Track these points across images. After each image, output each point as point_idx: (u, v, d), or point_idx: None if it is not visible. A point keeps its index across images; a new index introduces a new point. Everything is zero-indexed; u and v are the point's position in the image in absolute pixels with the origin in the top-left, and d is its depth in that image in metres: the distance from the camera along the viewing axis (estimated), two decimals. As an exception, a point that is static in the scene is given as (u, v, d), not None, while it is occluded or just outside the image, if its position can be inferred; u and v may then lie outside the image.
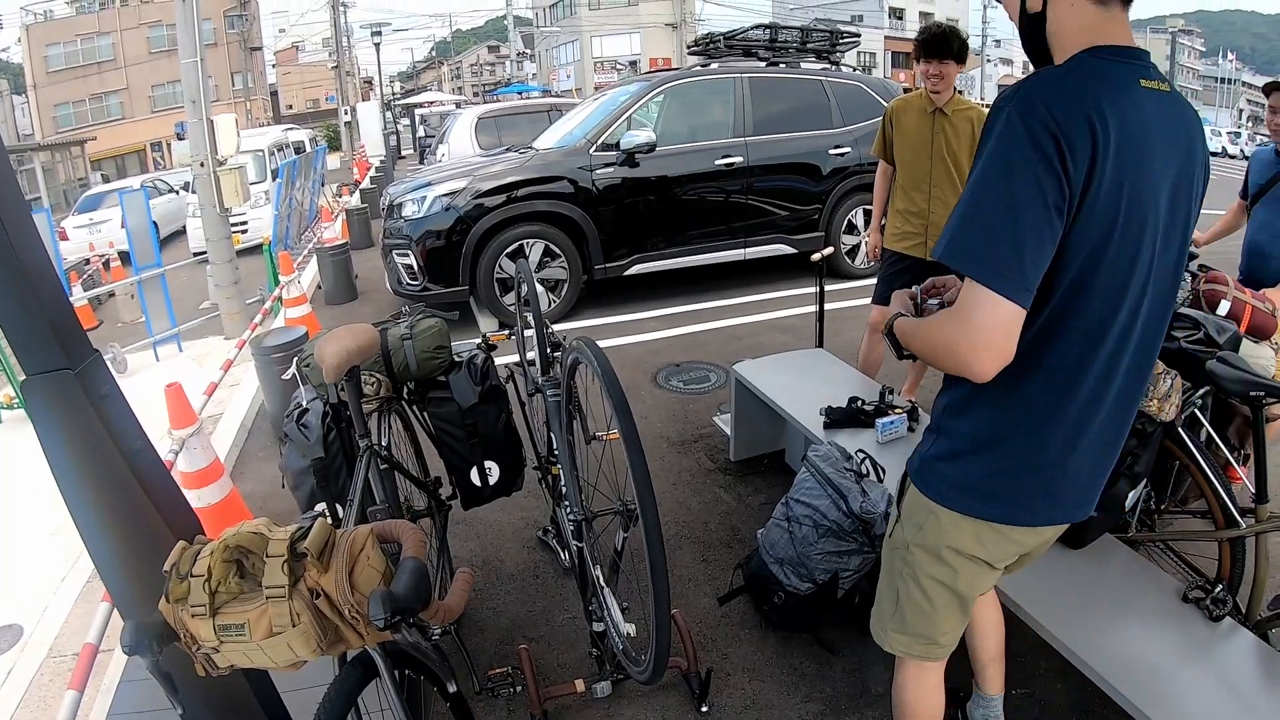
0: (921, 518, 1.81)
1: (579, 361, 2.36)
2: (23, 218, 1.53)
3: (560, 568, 3.53)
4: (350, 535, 1.47)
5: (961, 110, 4.11)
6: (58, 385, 1.59)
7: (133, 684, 2.73)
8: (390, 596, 1.35)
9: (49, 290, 1.58)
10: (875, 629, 2.06)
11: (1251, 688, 2.28)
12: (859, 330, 5.96)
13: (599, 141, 7.06)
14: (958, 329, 1.43)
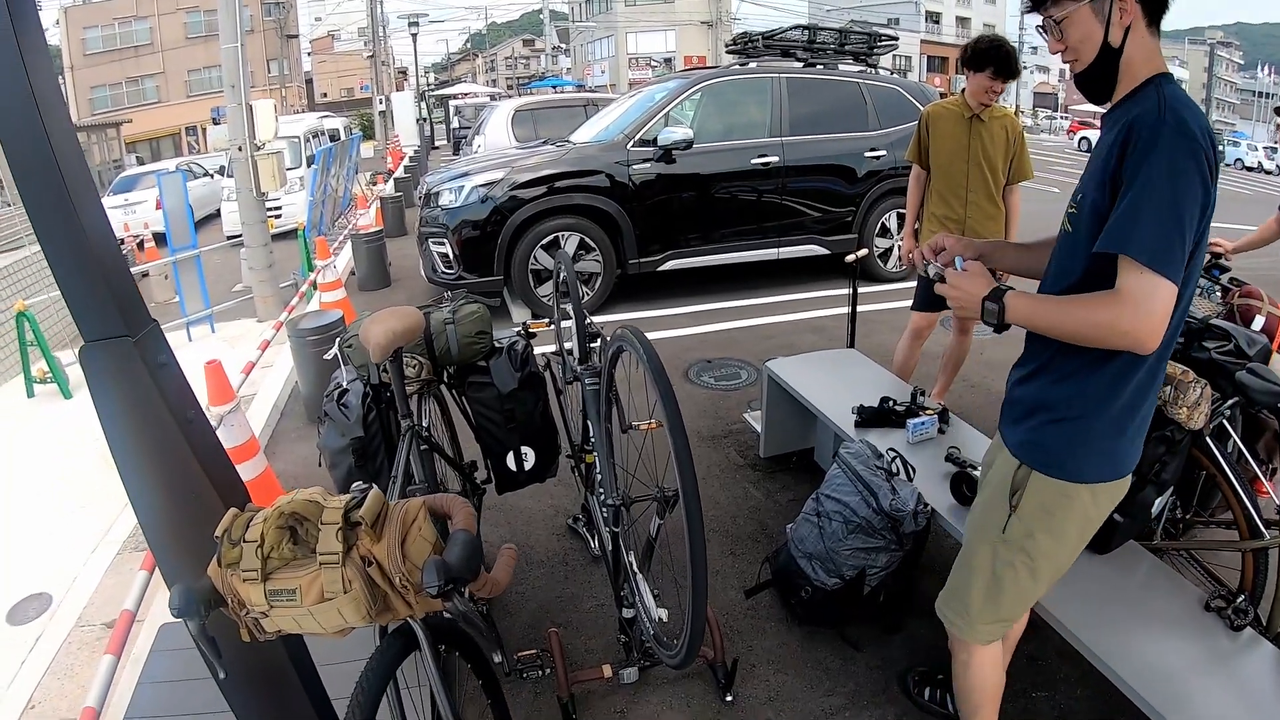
0: (1053, 503, 1.92)
1: (623, 349, 2.38)
2: (86, 187, 1.56)
3: (589, 555, 3.57)
4: (403, 506, 1.51)
5: (997, 117, 4.16)
6: (116, 352, 1.62)
7: (162, 654, 2.78)
8: (444, 565, 1.39)
9: (110, 258, 1.60)
10: (959, 626, 2.19)
11: (1271, 699, 2.28)
12: (889, 333, 5.98)
13: (636, 137, 7.10)
14: (1123, 310, 1.59)
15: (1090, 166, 1.79)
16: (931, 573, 3.48)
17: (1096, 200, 1.71)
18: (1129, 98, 1.74)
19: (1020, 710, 2.79)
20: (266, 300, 8.32)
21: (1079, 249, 1.76)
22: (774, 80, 7.69)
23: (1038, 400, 1.92)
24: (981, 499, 2.15)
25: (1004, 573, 2.03)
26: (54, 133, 1.48)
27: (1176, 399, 2.52)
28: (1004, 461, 2.02)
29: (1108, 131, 1.75)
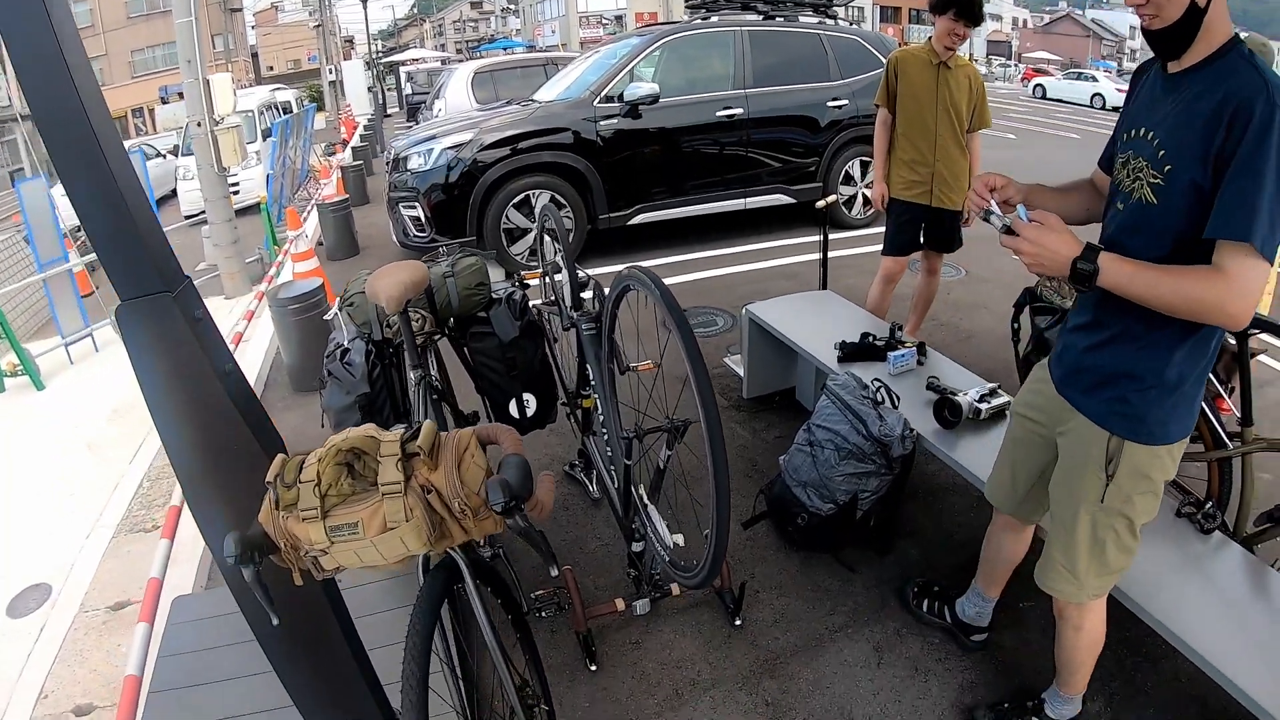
0: (1148, 466, 1.98)
1: (629, 288, 2.48)
2: (115, 143, 1.57)
3: (589, 499, 3.70)
4: (455, 435, 1.61)
5: (961, 66, 4.32)
6: (157, 308, 1.64)
7: (179, 626, 2.81)
8: (506, 483, 1.49)
9: (144, 216, 1.62)
10: (1069, 593, 2.21)
11: (1241, 593, 2.50)
12: (857, 277, 6.15)
13: (602, 94, 7.14)
14: (1230, 292, 1.63)
15: (1180, 137, 1.73)
16: (916, 498, 3.67)
17: (1197, 178, 1.68)
18: (1210, 64, 1.72)
19: (1010, 620, 2.99)
20: (233, 276, 8.27)
21: (1167, 222, 1.76)
22: (736, 34, 7.76)
23: (1120, 368, 1.94)
24: (1067, 471, 2.14)
25: (1106, 535, 2.08)
26: (82, 87, 1.50)
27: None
28: (1086, 432, 2.03)
29: (1195, 100, 1.72)
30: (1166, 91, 1.82)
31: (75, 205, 1.56)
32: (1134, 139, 1.88)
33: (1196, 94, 1.71)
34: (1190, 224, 1.71)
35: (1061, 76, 37.86)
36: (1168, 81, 1.82)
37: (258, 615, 1.92)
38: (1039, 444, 2.27)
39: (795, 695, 2.73)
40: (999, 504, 2.53)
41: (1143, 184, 1.81)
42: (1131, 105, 1.99)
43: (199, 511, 1.88)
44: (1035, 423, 2.27)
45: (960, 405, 3.10)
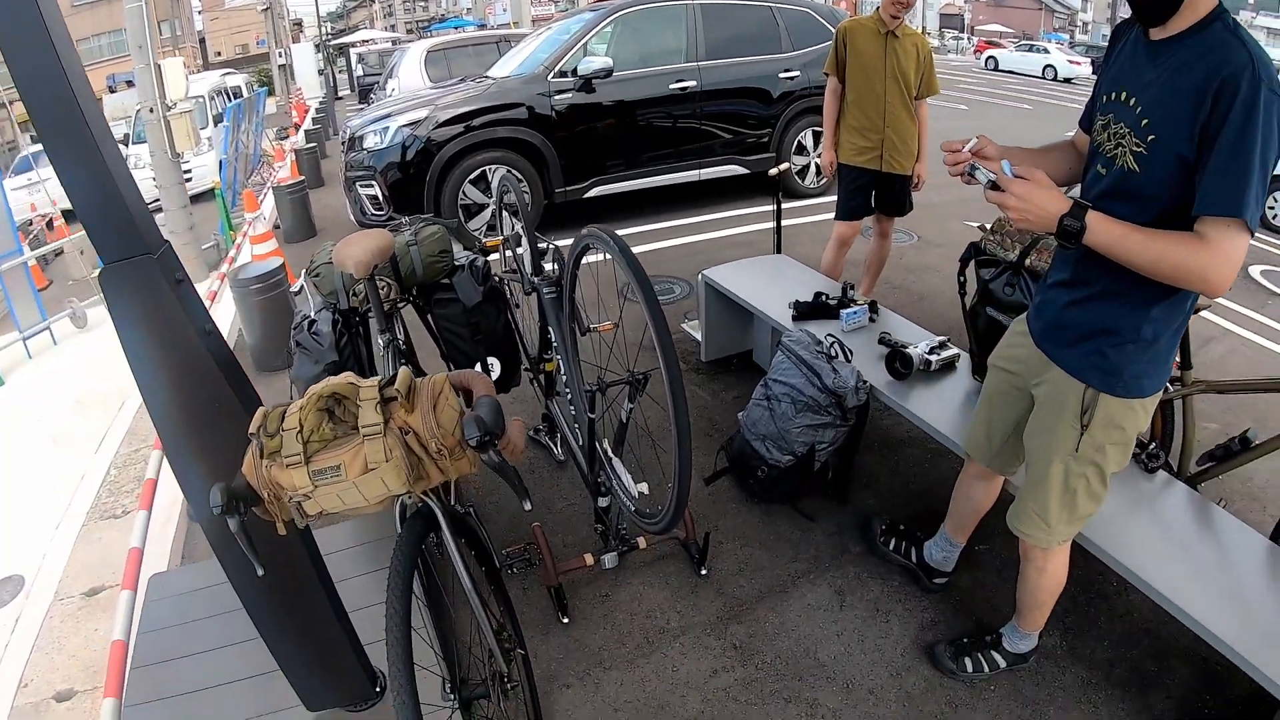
0: (1121, 417, 2.06)
1: (589, 246, 2.55)
2: (96, 111, 1.61)
3: (554, 462, 3.79)
4: (430, 380, 1.69)
5: (909, 35, 4.44)
6: (141, 270, 1.70)
7: (155, 603, 2.83)
8: (480, 419, 1.58)
9: (126, 181, 1.67)
10: (1038, 537, 2.29)
11: (1184, 527, 2.67)
12: (810, 244, 6.27)
13: (556, 68, 7.17)
14: (1214, 261, 1.68)
15: (1165, 108, 1.75)
16: (872, 449, 3.80)
17: (1182, 150, 1.71)
18: (1195, 33, 1.73)
19: (965, 562, 3.13)
20: (190, 262, 8.20)
21: (1150, 191, 1.80)
22: (688, 7, 7.81)
23: (1100, 324, 1.99)
24: (1043, 420, 2.20)
25: (1077, 484, 2.17)
26: (65, 57, 1.54)
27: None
28: (1063, 383, 2.10)
29: (1180, 70, 1.73)
30: (1150, 57, 1.83)
31: (59, 171, 1.60)
32: (1115, 101, 1.90)
33: (1182, 64, 1.73)
34: (1173, 194, 1.75)
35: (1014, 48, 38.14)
36: (1150, 47, 1.84)
37: (241, 573, 1.99)
38: (1016, 396, 2.35)
39: (762, 638, 2.85)
40: (975, 455, 2.61)
41: (1125, 151, 1.84)
42: (1112, 66, 1.99)
43: (181, 468, 1.92)
44: (1013, 374, 2.35)
45: (911, 357, 3.23)
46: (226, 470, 1.71)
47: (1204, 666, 2.74)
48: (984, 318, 3.08)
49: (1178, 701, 2.64)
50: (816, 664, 2.75)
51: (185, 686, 2.47)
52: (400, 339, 2.90)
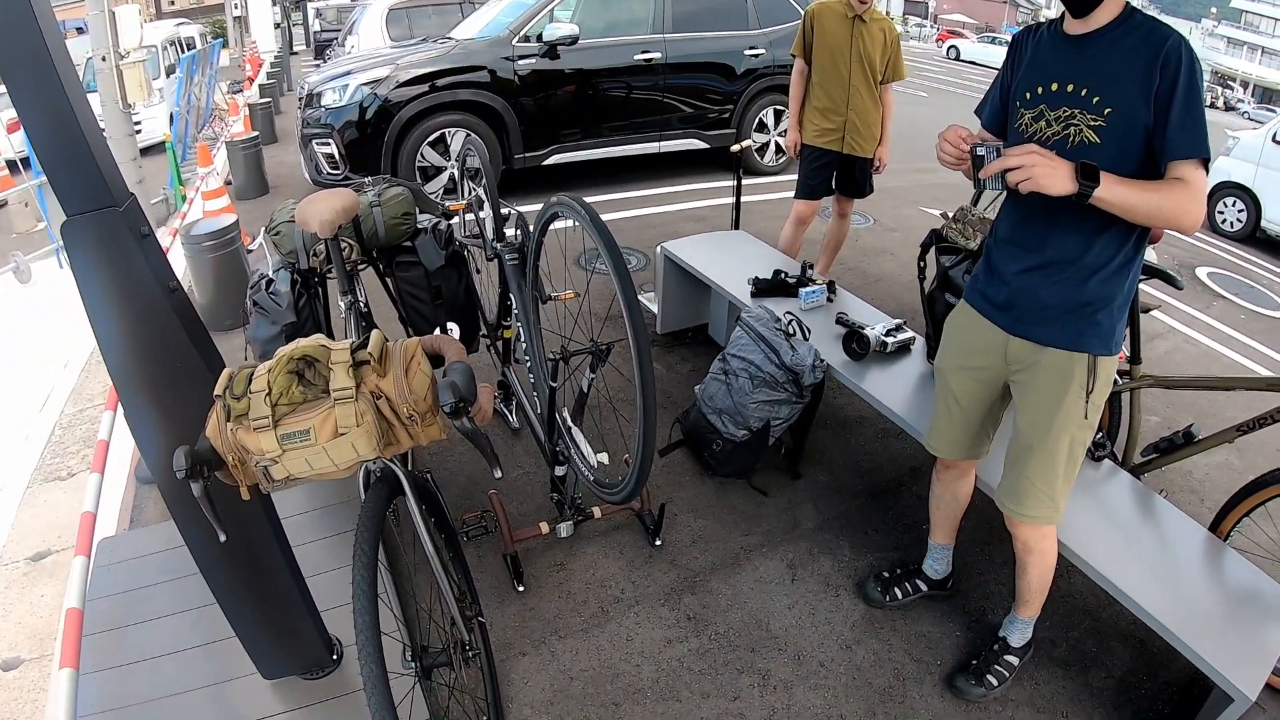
0: (1110, 372, 2.22)
1: (557, 215, 2.54)
2: (65, 59, 1.56)
3: (509, 429, 3.78)
4: (402, 344, 1.67)
5: (876, 20, 4.46)
6: (105, 222, 1.66)
7: (104, 569, 2.80)
8: (455, 385, 1.57)
9: (93, 132, 1.62)
10: (1048, 516, 2.35)
11: (1128, 514, 2.78)
12: (768, 221, 6.29)
13: (521, 33, 7.07)
14: (1195, 199, 1.89)
15: (1117, 84, 1.96)
16: (826, 427, 3.86)
17: (1140, 116, 1.93)
18: (1122, 23, 1.99)
19: (913, 539, 3.24)
20: (139, 216, 8.01)
21: (1116, 154, 1.96)
22: (657, -22, 7.74)
23: (1088, 296, 2.12)
24: (1046, 402, 2.24)
25: (1078, 449, 2.28)
26: (36, 3, 1.48)
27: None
28: (1063, 360, 2.19)
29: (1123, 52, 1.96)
30: (1077, 50, 2.05)
31: (23, 119, 1.55)
32: (1045, 94, 2.09)
33: (1123, 47, 1.97)
34: (1137, 153, 1.96)
35: (976, 39, 38.55)
36: (1073, 42, 2.06)
37: (199, 539, 1.97)
38: (986, 391, 2.43)
39: (715, 610, 2.89)
40: (948, 453, 2.63)
41: (1080, 129, 2.02)
42: (1026, 67, 2.19)
43: (140, 429, 1.88)
44: (978, 370, 2.40)
45: (868, 338, 3.27)
46: (188, 432, 1.68)
47: (1142, 648, 2.84)
48: (942, 303, 3.12)
49: (1117, 681, 2.74)
50: (768, 635, 2.80)
51: (138, 655, 2.44)
52: (361, 301, 2.87)
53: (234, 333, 4.61)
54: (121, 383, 1.83)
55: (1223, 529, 2.81)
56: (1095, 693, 2.69)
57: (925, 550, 2.95)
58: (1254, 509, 2.77)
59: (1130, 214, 1.92)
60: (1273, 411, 2.88)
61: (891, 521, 3.37)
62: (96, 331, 1.75)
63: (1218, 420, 3.72)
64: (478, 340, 3.38)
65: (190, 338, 1.84)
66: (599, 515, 3.12)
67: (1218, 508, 2.87)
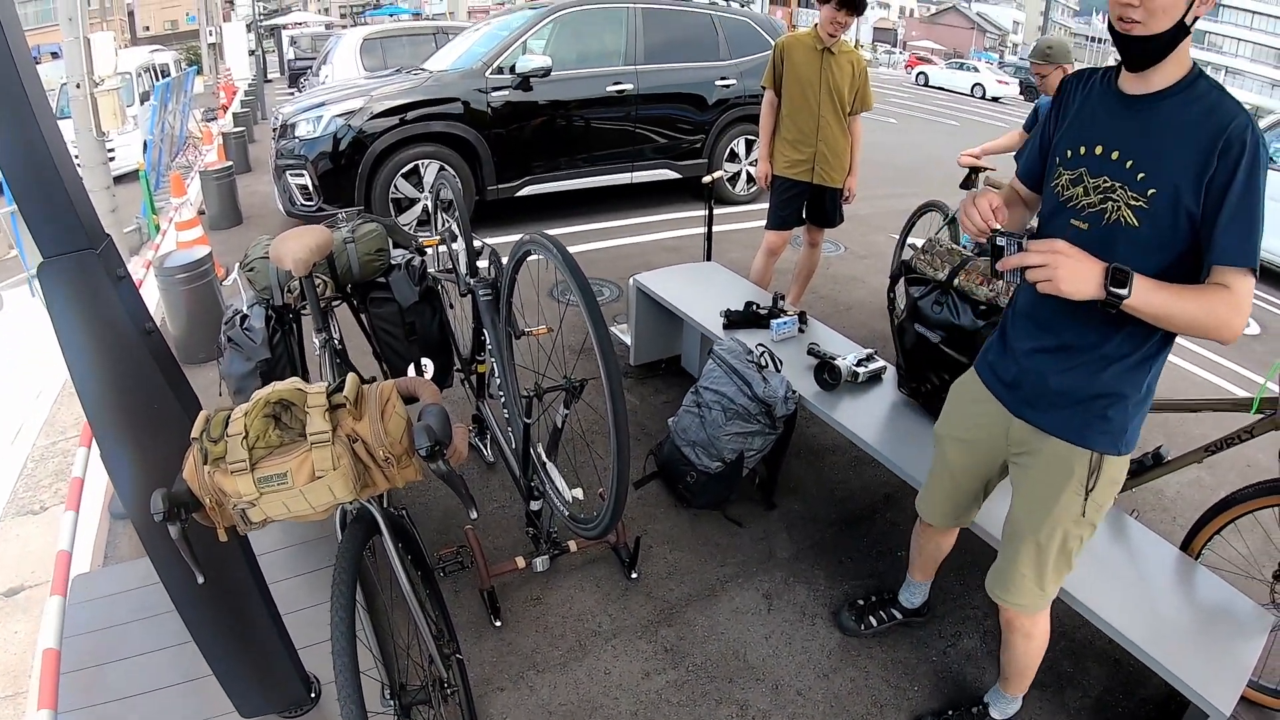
0: (1118, 474, 2.05)
1: (530, 253, 2.57)
2: (42, 99, 1.56)
3: (484, 464, 3.79)
4: (377, 388, 1.69)
5: (845, 51, 4.54)
6: (82, 265, 1.66)
7: (80, 606, 2.75)
8: (430, 429, 1.58)
9: (69, 173, 1.62)
10: (1035, 605, 2.24)
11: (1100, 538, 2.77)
12: (740, 250, 6.38)
13: (494, 65, 7.14)
14: (1237, 311, 1.68)
15: (1167, 163, 1.74)
16: (799, 457, 3.90)
17: (1188, 204, 1.71)
18: (1183, 90, 1.74)
19: (887, 566, 3.28)
20: (112, 244, 7.96)
21: (1155, 243, 1.77)
22: (629, 10, 7.85)
23: (1101, 388, 1.95)
24: (1042, 493, 2.11)
25: (1073, 544, 2.13)
26: (13, 41, 1.49)
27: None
28: (1064, 453, 2.04)
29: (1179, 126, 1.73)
30: (1129, 112, 1.82)
31: (1, 160, 1.55)
32: (1088, 156, 1.86)
33: (1178, 120, 1.73)
34: (1178, 245, 1.76)
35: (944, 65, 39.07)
36: (1125, 102, 1.83)
37: (176, 578, 1.97)
38: (983, 466, 2.32)
39: (692, 641, 2.91)
40: (934, 520, 2.57)
41: (1119, 205, 1.80)
42: (1071, 120, 1.95)
43: (117, 471, 1.87)
44: (976, 443, 2.29)
45: (839, 369, 3.32)
46: (164, 474, 1.68)
47: (1118, 667, 2.88)
48: (911, 334, 3.17)
49: (1094, 700, 2.78)
50: (746, 666, 2.82)
51: (115, 693, 2.42)
52: (337, 338, 2.88)
53: (207, 366, 4.60)
54: (97, 423, 1.82)
55: (1194, 547, 2.86)
56: (1072, 713, 2.72)
57: (901, 576, 2.98)
58: (1224, 526, 2.82)
59: (1163, 324, 1.74)
60: (1240, 431, 2.94)
61: (866, 548, 3.40)
62: (72, 372, 1.75)
63: (1187, 440, 3.79)
64: (452, 375, 3.38)
65: (166, 380, 1.84)
66: (575, 549, 3.13)
67: (1190, 525, 2.92)
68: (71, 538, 2.75)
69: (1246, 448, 2.98)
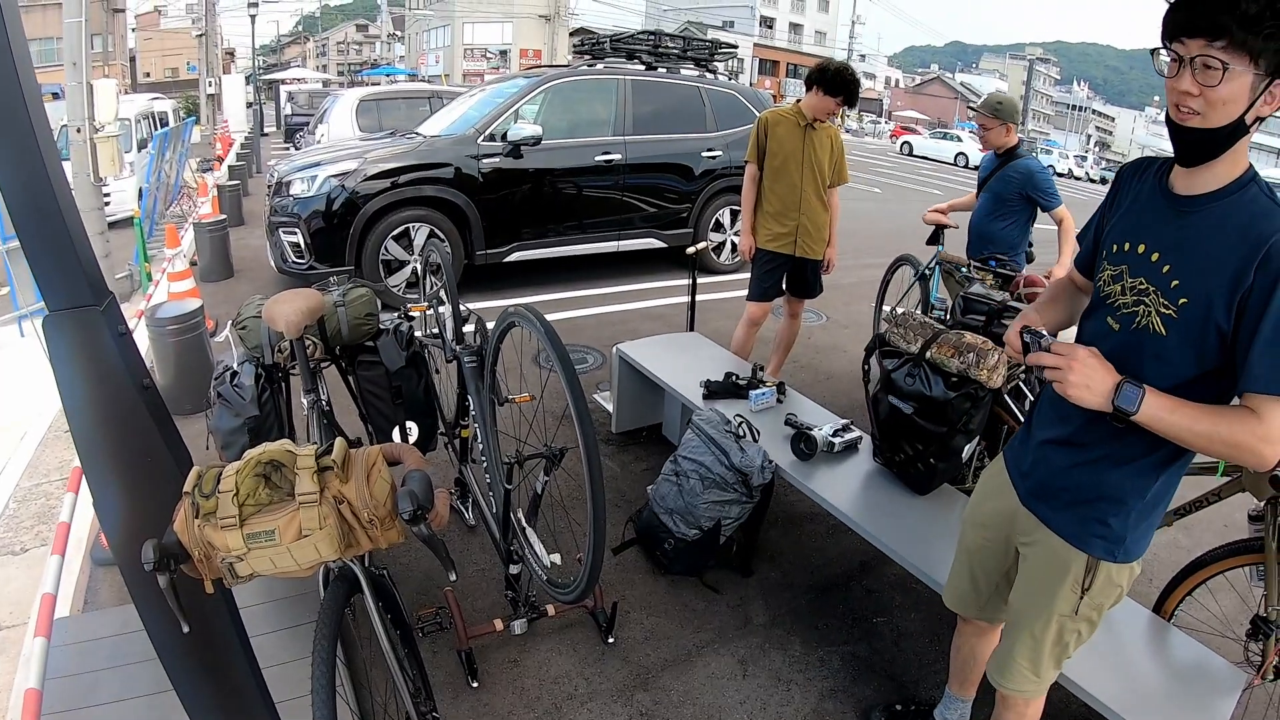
0: (1120, 578, 1.96)
1: (514, 325, 2.66)
2: (53, 152, 1.61)
3: (465, 526, 3.83)
4: (364, 452, 1.76)
5: (824, 127, 4.71)
6: (84, 321, 1.71)
7: (61, 649, 2.75)
8: (413, 494, 1.65)
9: (76, 228, 1.68)
10: (1031, 691, 2.19)
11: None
12: (723, 319, 6.48)
13: (486, 132, 7.31)
14: (1266, 439, 1.55)
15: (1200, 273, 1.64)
16: (776, 524, 3.96)
17: (1219, 320, 1.60)
18: (1232, 194, 1.64)
19: (863, 633, 3.32)
20: (103, 292, 7.97)
21: (1179, 356, 1.68)
22: (619, 82, 8.09)
23: (1103, 490, 1.88)
24: (1037, 585, 2.07)
25: (1070, 638, 2.07)
26: (27, 90, 1.54)
27: (979, 363, 3.00)
28: (1061, 551, 1.98)
29: (1218, 233, 1.63)
30: (1174, 211, 1.72)
31: (11, 213, 1.61)
32: (1130, 253, 1.77)
33: (1219, 227, 1.63)
34: (1205, 362, 1.66)
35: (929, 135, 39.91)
36: (1173, 201, 1.73)
37: (161, 627, 2.00)
38: (1000, 550, 2.24)
39: (668, 706, 2.93)
40: (962, 611, 2.49)
41: (1150, 311, 1.71)
42: (1122, 212, 1.87)
43: (108, 519, 1.91)
44: (989, 528, 2.24)
45: (815, 439, 3.41)
46: (155, 524, 1.73)
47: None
48: (885, 405, 3.25)
49: (1067, 765, 2.79)
50: (719, 732, 2.85)
51: (95, 739, 2.43)
52: (324, 399, 2.95)
53: (194, 417, 4.63)
54: (92, 472, 1.86)
55: (1167, 608, 2.91)
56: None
57: (878, 642, 3.01)
58: (1196, 587, 2.87)
59: (1168, 436, 1.65)
60: (1208, 494, 3.00)
61: (842, 615, 3.44)
62: (71, 423, 1.80)
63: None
64: (436, 439, 3.45)
65: (161, 434, 1.89)
66: (553, 612, 3.17)
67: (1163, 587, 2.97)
68: (56, 581, 2.77)
69: (1223, 507, 3.03)
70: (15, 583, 3.54)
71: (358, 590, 2.07)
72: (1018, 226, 4.83)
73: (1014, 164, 4.76)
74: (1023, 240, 4.90)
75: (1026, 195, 4.72)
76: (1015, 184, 4.73)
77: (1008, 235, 4.83)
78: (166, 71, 53.16)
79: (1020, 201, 4.76)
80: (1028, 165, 4.73)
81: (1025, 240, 4.92)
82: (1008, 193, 4.78)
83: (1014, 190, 4.74)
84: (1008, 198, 4.78)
